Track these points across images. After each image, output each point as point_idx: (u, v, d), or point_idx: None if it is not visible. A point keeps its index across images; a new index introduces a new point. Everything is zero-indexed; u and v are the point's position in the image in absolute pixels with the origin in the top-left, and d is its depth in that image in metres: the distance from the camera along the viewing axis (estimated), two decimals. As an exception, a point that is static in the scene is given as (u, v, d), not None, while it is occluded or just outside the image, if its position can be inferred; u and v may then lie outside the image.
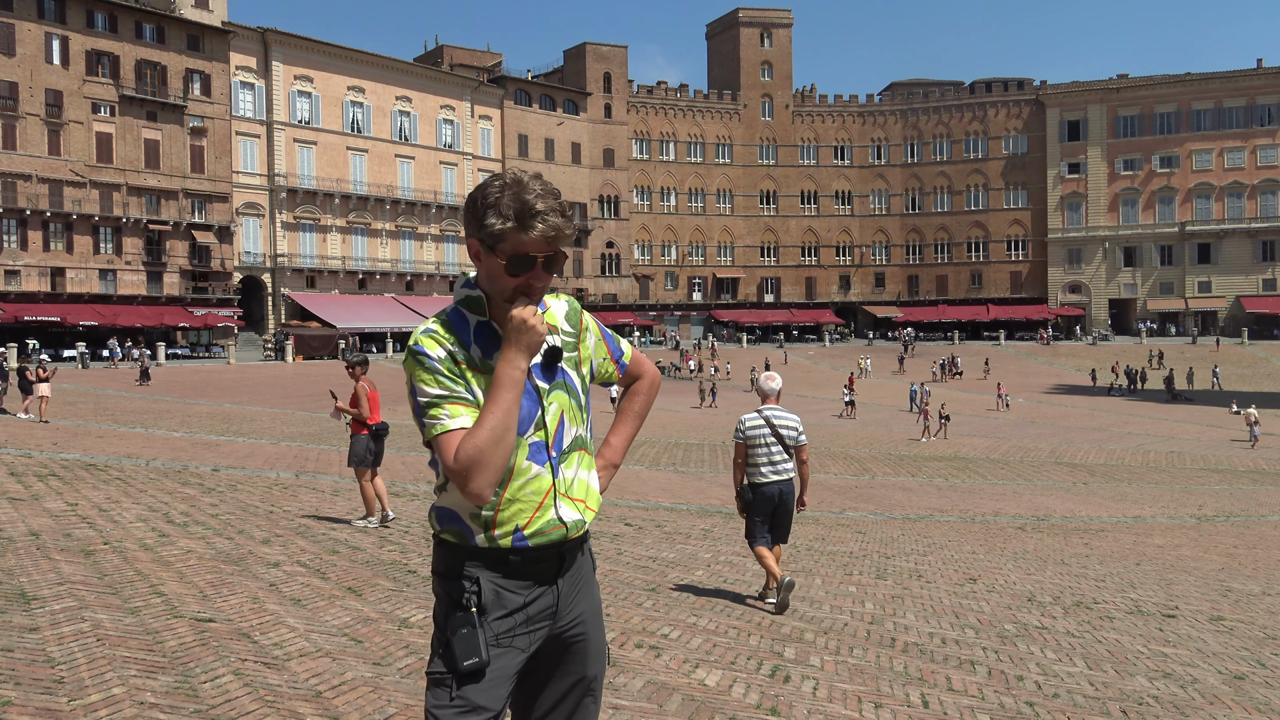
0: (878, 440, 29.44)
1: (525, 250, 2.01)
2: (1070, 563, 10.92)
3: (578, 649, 2.18)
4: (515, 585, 2.09)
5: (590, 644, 2.20)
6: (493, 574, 2.08)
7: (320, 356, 56.55)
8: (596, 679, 2.21)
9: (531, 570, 2.11)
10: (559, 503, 2.11)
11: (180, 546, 7.78)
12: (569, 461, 2.14)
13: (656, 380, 2.44)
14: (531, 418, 2.08)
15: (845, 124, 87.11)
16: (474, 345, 2.09)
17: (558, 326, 2.18)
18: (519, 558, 2.08)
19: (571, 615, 2.17)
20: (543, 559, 2.11)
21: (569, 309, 2.23)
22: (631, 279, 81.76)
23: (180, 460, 14.95)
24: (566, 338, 2.19)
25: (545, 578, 2.13)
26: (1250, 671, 6.27)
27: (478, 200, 2.05)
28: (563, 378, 2.16)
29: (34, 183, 52.29)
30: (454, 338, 2.07)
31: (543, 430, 2.10)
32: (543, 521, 2.09)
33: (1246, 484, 22.84)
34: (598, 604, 2.26)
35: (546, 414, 2.11)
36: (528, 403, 2.07)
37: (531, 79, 78.89)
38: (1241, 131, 77.53)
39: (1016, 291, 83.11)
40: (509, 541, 2.07)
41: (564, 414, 2.14)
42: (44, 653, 4.62)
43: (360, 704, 4.22)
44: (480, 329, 2.11)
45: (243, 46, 60.92)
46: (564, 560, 2.15)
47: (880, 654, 5.93)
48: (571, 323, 2.21)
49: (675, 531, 11.19)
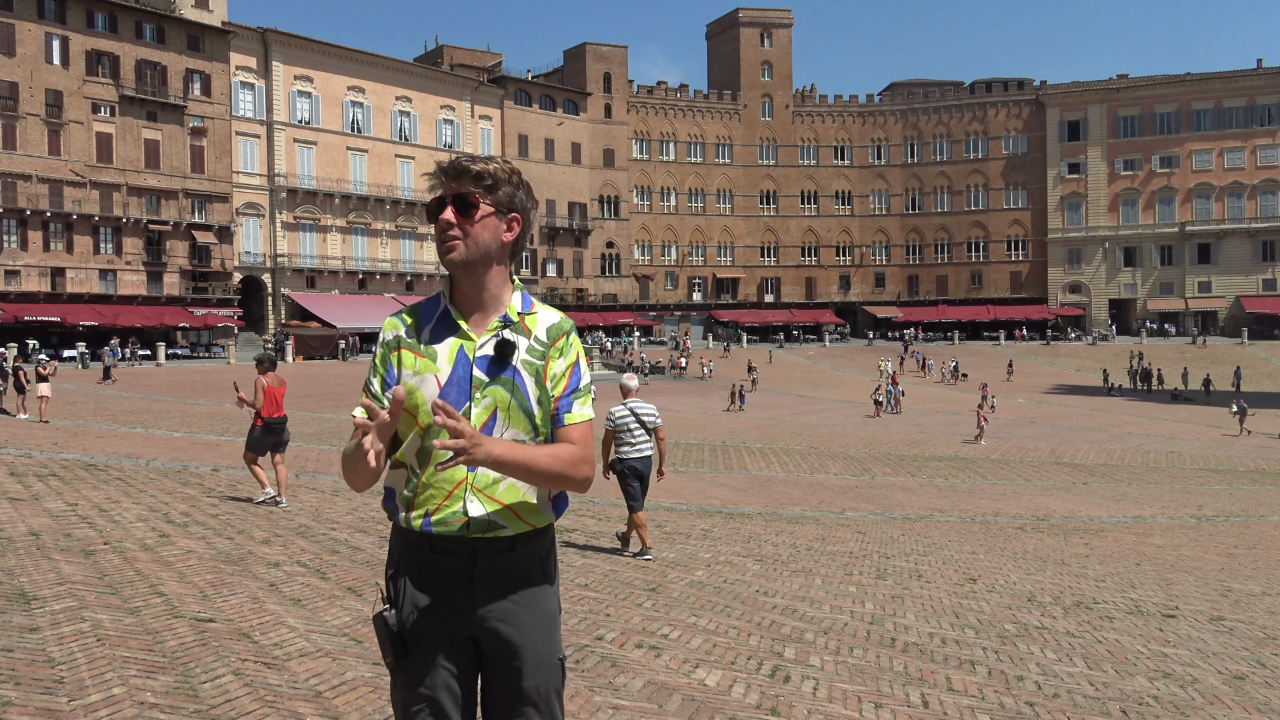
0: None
1: (436, 194, 2.20)
2: (1070, 563, 10.92)
3: (516, 662, 2.15)
4: (429, 571, 2.14)
5: (529, 657, 2.15)
6: (413, 558, 2.16)
7: (320, 357, 56.55)
8: (539, 691, 2.16)
9: (443, 563, 2.13)
10: (469, 496, 2.10)
11: (180, 546, 7.78)
12: None
13: (584, 464, 2.15)
14: (459, 406, 2.10)
15: (845, 124, 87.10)
16: (428, 329, 2.18)
17: (533, 331, 2.19)
18: (428, 544, 2.13)
19: (499, 623, 2.14)
20: (451, 553, 2.13)
21: (554, 324, 2.22)
22: (631, 279, 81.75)
23: (180, 460, 14.95)
24: (536, 345, 2.18)
25: (455, 574, 2.13)
26: (1250, 671, 6.27)
27: None
28: (512, 376, 2.13)
29: (34, 183, 52.29)
30: (414, 321, 2.20)
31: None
32: (448, 512, 2.10)
33: (1246, 484, 22.84)
34: (547, 617, 2.20)
35: (475, 406, 2.11)
36: (454, 390, 2.11)
37: (531, 79, 78.87)
38: (1241, 131, 77.52)
39: (1016, 291, 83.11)
40: (419, 525, 2.12)
41: (498, 410, 2.12)
42: (44, 653, 4.61)
43: (360, 704, 4.22)
44: (443, 313, 2.20)
45: (243, 46, 60.92)
46: (478, 560, 2.13)
47: (880, 654, 5.93)
48: (549, 336, 2.20)
49: (675, 531, 11.18)
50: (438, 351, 2.14)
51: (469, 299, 2.19)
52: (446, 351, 2.14)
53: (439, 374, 2.12)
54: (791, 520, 13.55)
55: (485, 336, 2.15)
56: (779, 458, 23.30)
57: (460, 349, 2.14)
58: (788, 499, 16.25)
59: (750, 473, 20.17)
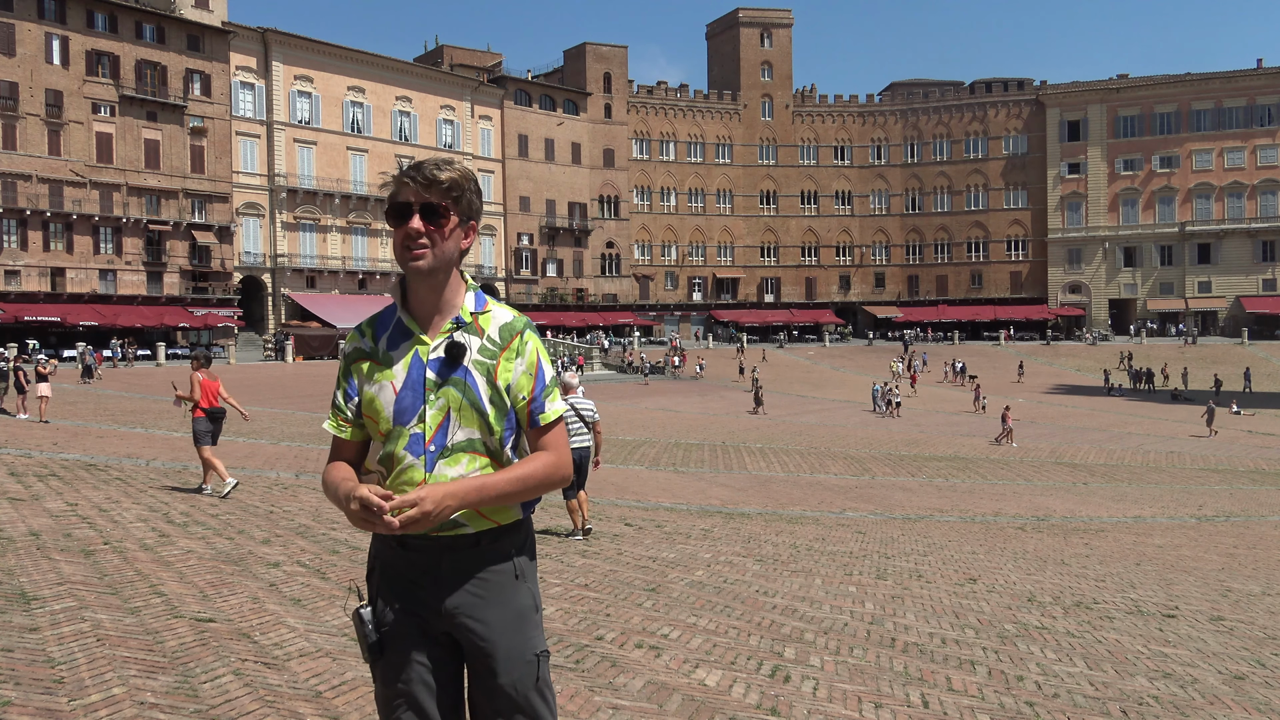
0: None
1: (399, 199, 2.16)
2: (1070, 563, 10.92)
3: (488, 657, 2.18)
4: (400, 569, 2.20)
5: (500, 651, 2.17)
6: (386, 556, 2.23)
7: (320, 356, 56.54)
8: (515, 687, 2.19)
9: (410, 559, 2.19)
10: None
11: (180, 546, 7.78)
12: (453, 460, 2.15)
13: (560, 469, 2.21)
14: (414, 410, 2.15)
15: (845, 124, 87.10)
16: (385, 337, 2.22)
17: (485, 331, 2.21)
18: (398, 543, 2.18)
19: (468, 619, 2.17)
20: (418, 550, 2.18)
21: (508, 322, 2.23)
22: (631, 279, 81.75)
23: (180, 460, 14.95)
24: (488, 344, 2.20)
25: (423, 568, 2.18)
26: (1250, 671, 6.27)
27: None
28: (463, 376, 2.16)
29: (34, 183, 52.29)
30: (373, 331, 2.25)
31: (423, 424, 2.15)
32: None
33: (1246, 484, 22.85)
34: (518, 612, 2.22)
35: (430, 408, 2.15)
36: (410, 395, 2.16)
37: (531, 79, 78.87)
38: (1241, 131, 77.52)
39: (1016, 291, 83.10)
40: None
41: (451, 411, 2.15)
42: (44, 653, 4.61)
43: (360, 704, 4.22)
44: (397, 321, 2.23)
45: (243, 46, 60.92)
46: (444, 557, 2.17)
47: (880, 654, 5.93)
48: (503, 335, 2.21)
49: (675, 531, 11.18)
50: (394, 358, 2.19)
51: (424, 303, 2.21)
52: (403, 358, 2.19)
53: (395, 380, 2.17)
54: (791, 520, 13.55)
55: (439, 339, 2.19)
56: (779, 458, 23.30)
57: (415, 353, 2.18)
58: (788, 499, 16.25)
59: (750, 473, 20.17)
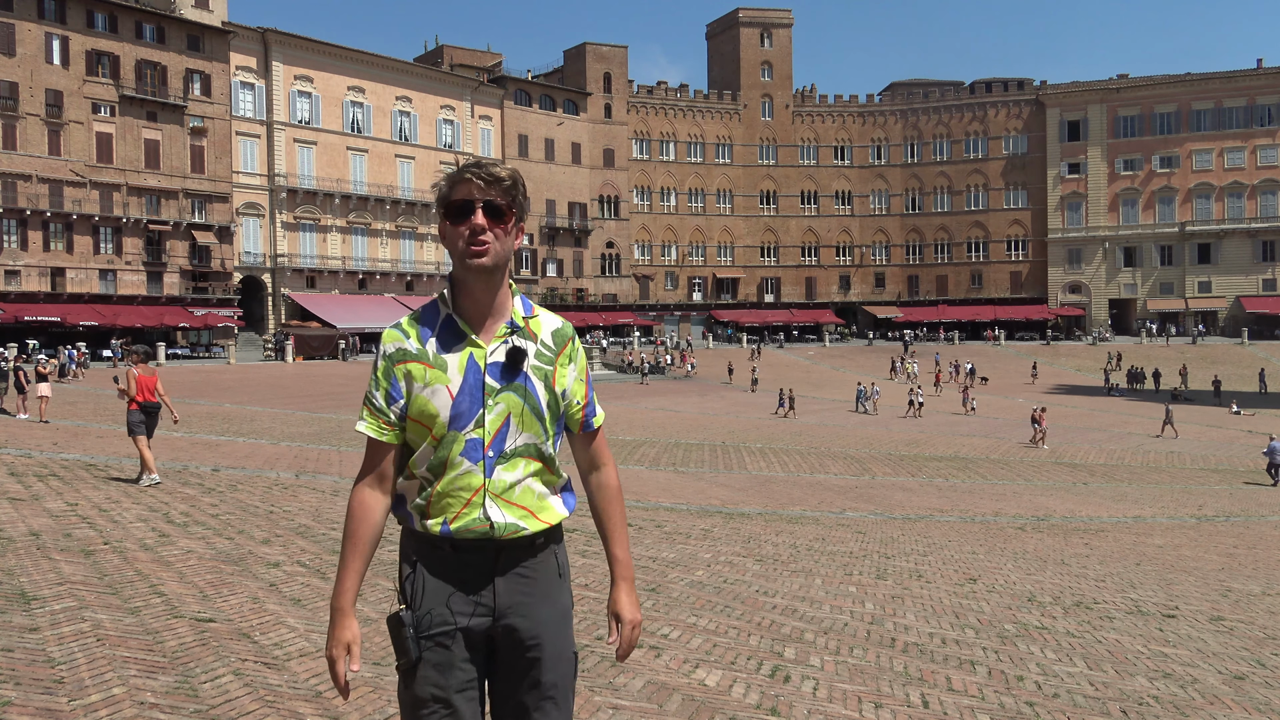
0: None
1: (460, 195, 2.15)
2: (1070, 563, 10.92)
3: (534, 655, 2.17)
4: (448, 572, 2.14)
5: (547, 650, 2.18)
6: (430, 560, 2.15)
7: (320, 357, 56.54)
8: (557, 686, 2.19)
9: (464, 560, 2.14)
10: (489, 502, 2.12)
11: (180, 546, 7.78)
12: (511, 465, 2.14)
13: (618, 484, 2.37)
14: (472, 414, 2.12)
15: (845, 124, 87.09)
16: (434, 339, 2.17)
17: (538, 336, 2.21)
18: (449, 545, 2.14)
19: (519, 617, 2.16)
20: (473, 551, 2.14)
21: (559, 328, 2.26)
22: (631, 279, 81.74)
23: (180, 460, 14.95)
24: (544, 349, 2.20)
25: (479, 571, 2.15)
26: (1250, 671, 6.27)
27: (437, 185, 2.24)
28: (523, 382, 2.16)
29: (34, 183, 52.28)
30: (417, 331, 2.19)
31: (481, 429, 2.12)
32: (469, 519, 2.12)
33: (1246, 484, 22.85)
34: (563, 611, 2.24)
35: (489, 413, 2.12)
36: (467, 399, 2.12)
37: (531, 79, 78.86)
38: (1241, 131, 77.51)
39: (1016, 291, 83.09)
40: (438, 530, 2.13)
41: (511, 416, 2.14)
42: (44, 653, 4.61)
43: (360, 704, 4.22)
44: (446, 322, 2.19)
45: (243, 46, 60.91)
46: (500, 557, 2.15)
47: (880, 654, 5.93)
48: (556, 341, 2.23)
49: (675, 531, 11.18)
50: (447, 361, 2.14)
51: (478, 305, 2.19)
52: (457, 361, 2.14)
53: (450, 384, 2.12)
54: (791, 520, 13.54)
55: (494, 343, 2.17)
56: (779, 458, 23.30)
57: (470, 357, 2.15)
58: (788, 499, 16.25)
59: (750, 473, 20.17)
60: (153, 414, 11.80)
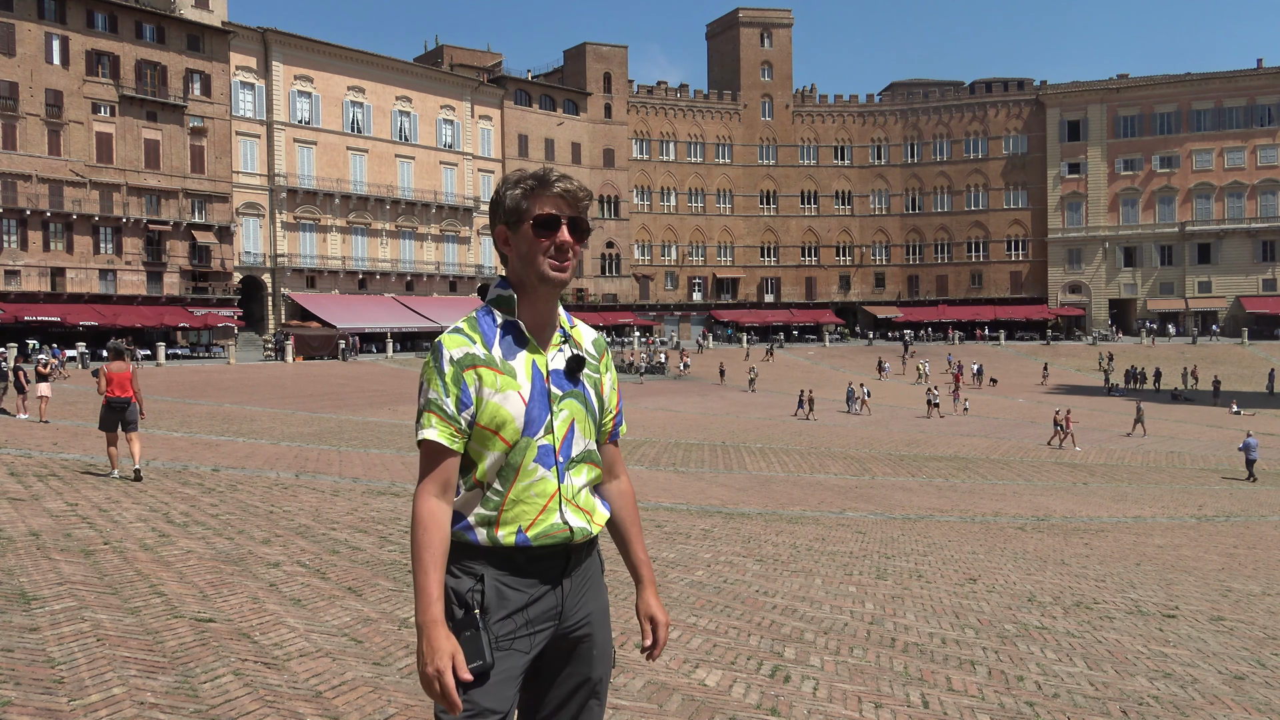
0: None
1: (548, 209, 2.14)
2: (1070, 563, 10.92)
3: (584, 650, 2.21)
4: (519, 583, 2.12)
5: (596, 645, 2.22)
6: (497, 571, 2.11)
7: (320, 357, 56.52)
8: (602, 680, 2.23)
9: (536, 568, 2.14)
10: (564, 508, 2.15)
11: (180, 546, 7.78)
12: (577, 470, 2.18)
13: (633, 490, 2.45)
14: (541, 421, 2.13)
15: (845, 124, 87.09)
16: (497, 345, 2.15)
17: (583, 346, 2.26)
18: (523, 556, 2.12)
19: (578, 616, 2.20)
20: (547, 557, 2.15)
21: (597, 339, 2.33)
22: (631, 279, 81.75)
23: (180, 460, 14.95)
24: (590, 358, 2.26)
25: (550, 576, 2.15)
26: (1250, 671, 6.27)
27: (501, 187, 2.19)
28: (581, 389, 2.21)
29: (34, 183, 52.28)
30: (479, 336, 2.15)
31: (551, 434, 2.14)
32: (547, 524, 2.12)
33: (1246, 484, 22.85)
34: (606, 605, 2.29)
35: (555, 419, 2.15)
36: (537, 407, 2.13)
37: (531, 79, 78.86)
38: (1241, 131, 77.50)
39: (1016, 291, 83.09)
40: (512, 540, 2.10)
41: (574, 423, 2.18)
42: (44, 653, 4.61)
43: (360, 704, 4.22)
44: (506, 328, 2.18)
45: (243, 46, 60.91)
46: (570, 560, 2.19)
47: (880, 654, 5.93)
48: (598, 348, 2.30)
49: (675, 531, 11.18)
50: (515, 368, 2.14)
51: (540, 315, 2.21)
52: (523, 368, 2.15)
53: (521, 390, 2.13)
54: (791, 520, 13.55)
55: (551, 351, 2.20)
56: (779, 458, 23.30)
57: (534, 364, 2.17)
58: (788, 499, 16.25)
59: (750, 473, 20.17)
60: (120, 409, 11.89)
